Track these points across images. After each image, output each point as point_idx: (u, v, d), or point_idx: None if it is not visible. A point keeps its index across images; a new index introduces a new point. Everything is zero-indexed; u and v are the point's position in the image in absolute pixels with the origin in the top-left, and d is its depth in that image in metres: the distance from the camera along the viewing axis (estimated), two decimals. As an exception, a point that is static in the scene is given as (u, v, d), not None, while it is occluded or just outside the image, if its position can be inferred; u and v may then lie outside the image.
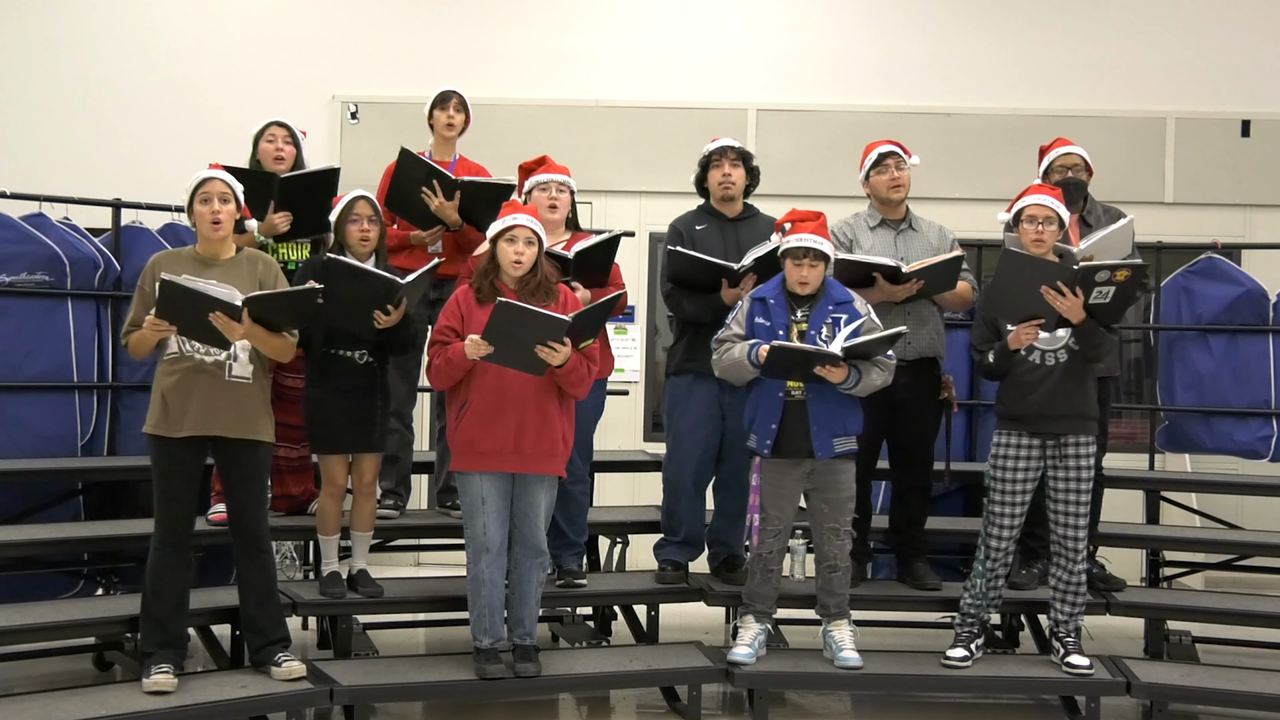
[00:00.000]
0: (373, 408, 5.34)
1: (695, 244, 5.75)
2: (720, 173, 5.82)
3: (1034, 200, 5.33)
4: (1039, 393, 5.28)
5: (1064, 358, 5.29)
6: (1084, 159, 5.86)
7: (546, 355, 4.89)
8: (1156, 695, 5.38)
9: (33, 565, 5.95)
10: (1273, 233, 8.65)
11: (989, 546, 5.41)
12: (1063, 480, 5.33)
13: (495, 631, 5.18)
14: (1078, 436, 5.31)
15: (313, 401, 5.36)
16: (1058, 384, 5.28)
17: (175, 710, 4.68)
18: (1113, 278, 5.17)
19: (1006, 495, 5.36)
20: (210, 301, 4.64)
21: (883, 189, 5.84)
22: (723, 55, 9.20)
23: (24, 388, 6.10)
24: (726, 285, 5.59)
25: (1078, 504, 5.32)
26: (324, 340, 5.27)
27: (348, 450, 5.37)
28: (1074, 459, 5.31)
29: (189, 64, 9.01)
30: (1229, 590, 7.27)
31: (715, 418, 5.78)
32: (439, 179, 5.72)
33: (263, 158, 5.82)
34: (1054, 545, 5.42)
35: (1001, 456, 5.37)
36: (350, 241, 5.32)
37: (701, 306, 5.69)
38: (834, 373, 5.10)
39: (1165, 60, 9.05)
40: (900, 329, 5.25)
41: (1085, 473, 5.32)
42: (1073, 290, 5.13)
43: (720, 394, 5.71)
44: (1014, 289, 5.26)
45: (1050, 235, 5.32)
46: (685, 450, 5.84)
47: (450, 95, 6.03)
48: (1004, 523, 5.38)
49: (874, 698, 5.90)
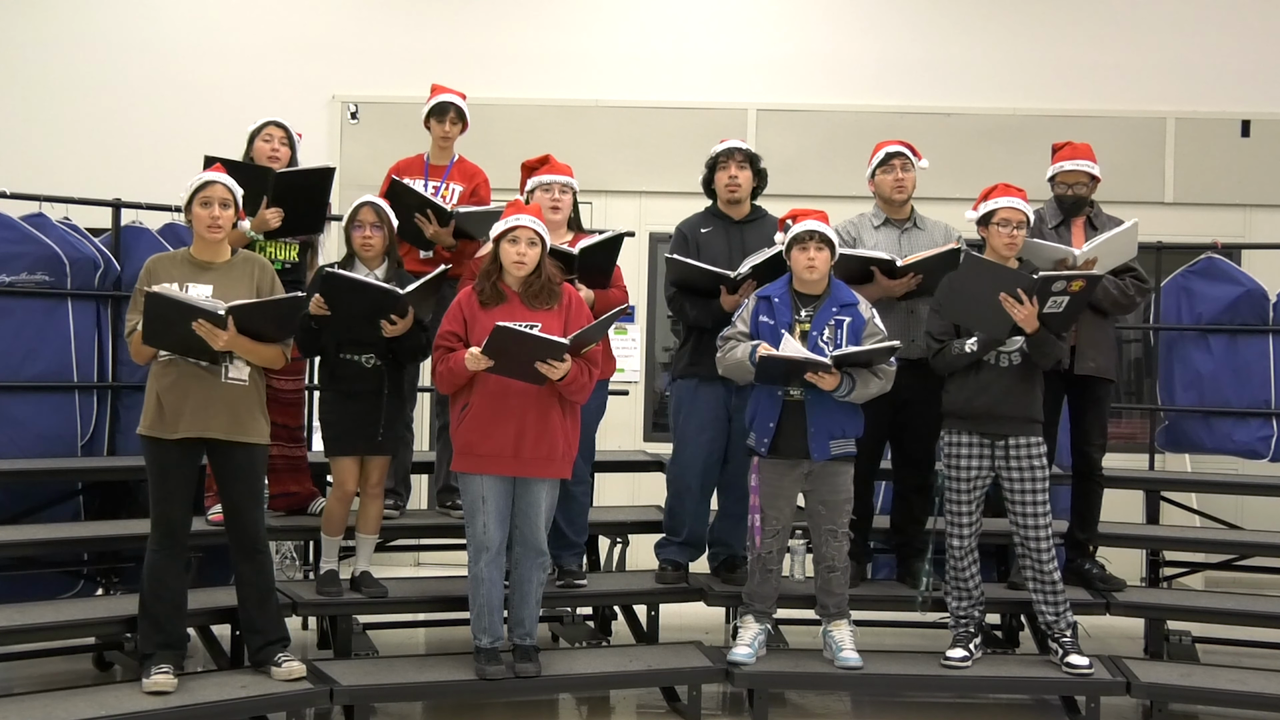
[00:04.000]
0: (383, 411, 5.35)
1: (700, 247, 5.75)
2: (726, 175, 5.82)
3: (1006, 203, 5.32)
4: (990, 394, 5.29)
5: (1017, 360, 5.30)
6: (1090, 174, 5.78)
7: (546, 371, 4.89)
8: (1156, 695, 5.38)
9: (33, 565, 5.95)
10: (1273, 233, 8.65)
11: (951, 545, 5.42)
12: (1017, 480, 5.33)
13: (495, 631, 5.18)
14: (1026, 438, 5.32)
15: (325, 405, 5.42)
16: (1008, 386, 5.29)
17: (175, 710, 4.68)
18: (1068, 288, 5.19)
19: (961, 494, 5.38)
20: (194, 310, 4.64)
21: (886, 188, 5.85)
22: (723, 55, 9.21)
23: (24, 388, 6.10)
24: (725, 292, 5.59)
25: (1034, 503, 5.32)
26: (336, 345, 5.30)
27: (358, 453, 5.37)
28: (1025, 459, 5.32)
29: (189, 64, 9.02)
30: (1229, 590, 7.28)
31: (721, 420, 5.78)
32: (432, 208, 5.72)
33: (257, 156, 5.81)
34: (1018, 547, 5.43)
35: (953, 455, 5.39)
36: (355, 248, 5.35)
37: (703, 312, 5.69)
38: (826, 380, 5.10)
39: (1165, 60, 9.05)
40: (894, 343, 5.24)
41: (1040, 471, 5.32)
42: (1030, 299, 5.13)
43: (727, 396, 5.71)
44: (973, 294, 5.26)
45: (1021, 239, 5.33)
46: (691, 452, 5.84)
47: (447, 108, 5.99)
48: (961, 520, 5.40)
49: (874, 698, 5.90)
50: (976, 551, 5.47)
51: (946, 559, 5.48)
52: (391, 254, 5.42)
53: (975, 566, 5.47)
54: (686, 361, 5.86)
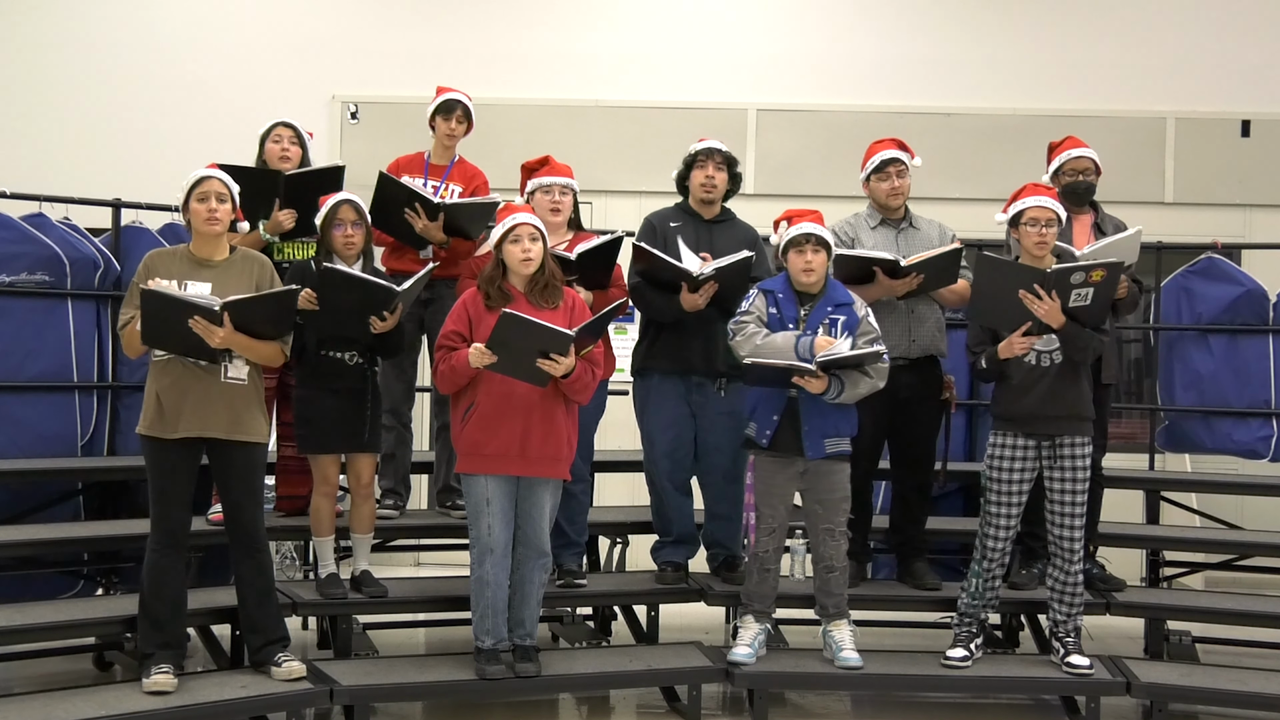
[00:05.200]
0: (363, 408, 5.34)
1: (668, 241, 5.71)
2: (704, 174, 5.80)
3: (1035, 202, 5.31)
4: (1034, 394, 5.28)
5: (1059, 359, 5.29)
6: (1094, 161, 5.85)
7: (548, 368, 4.89)
8: (1156, 695, 5.37)
9: (33, 565, 5.95)
10: (1273, 233, 8.65)
11: (985, 547, 5.41)
12: (1059, 481, 5.33)
13: (498, 632, 5.18)
14: (1074, 437, 5.31)
15: (303, 401, 5.37)
16: (1052, 385, 5.28)
17: (175, 710, 4.68)
18: (1088, 278, 5.15)
19: (1003, 496, 5.37)
20: (190, 307, 4.64)
21: (881, 195, 5.85)
22: (722, 55, 9.21)
23: (24, 388, 6.10)
24: (686, 290, 5.57)
25: (1074, 504, 5.32)
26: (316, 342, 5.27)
27: (338, 450, 5.37)
28: (1070, 460, 5.31)
29: (189, 64, 9.02)
30: (1229, 590, 7.27)
31: (685, 416, 5.76)
32: (421, 202, 5.70)
33: (268, 158, 5.82)
34: (1051, 546, 5.42)
35: (998, 458, 5.37)
36: (335, 246, 5.29)
37: (664, 306, 5.66)
38: (813, 384, 5.10)
39: (1165, 60, 9.05)
40: (878, 349, 5.22)
41: (1082, 473, 5.32)
42: (1049, 293, 5.12)
43: (687, 392, 5.71)
44: (993, 295, 5.27)
45: (1052, 237, 5.31)
46: (658, 450, 5.83)
47: (455, 106, 5.98)
48: (1000, 524, 5.38)
49: (874, 698, 5.90)
50: (1009, 556, 5.46)
51: (974, 558, 5.46)
52: (368, 252, 5.40)
53: (1002, 570, 5.46)
54: (644, 354, 5.82)
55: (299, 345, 5.19)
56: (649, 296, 5.72)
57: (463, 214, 5.77)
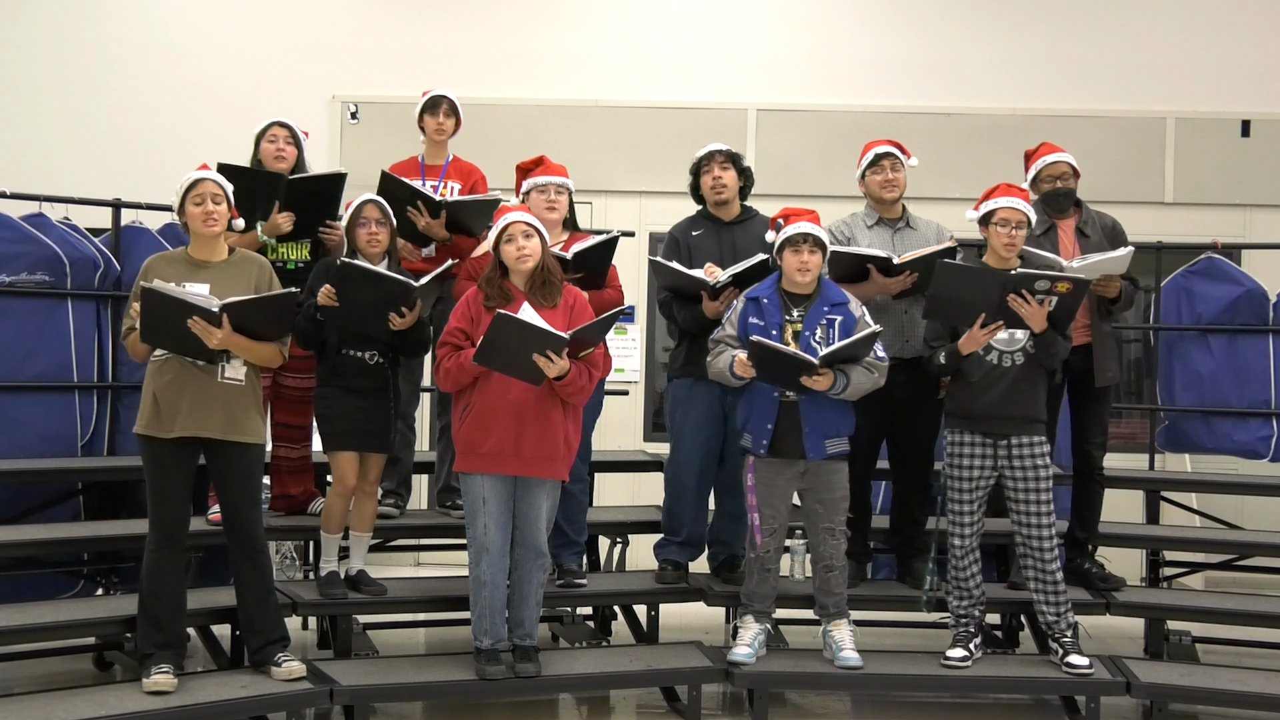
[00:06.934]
0: (385, 408, 5.36)
1: (692, 250, 5.77)
2: (710, 176, 5.82)
3: (1007, 203, 5.32)
4: (991, 394, 5.30)
5: (1020, 360, 5.30)
6: (1071, 165, 5.83)
7: (544, 365, 4.89)
8: (1156, 695, 5.38)
9: (33, 565, 5.95)
10: (1273, 233, 8.64)
11: (952, 545, 5.42)
12: (1020, 480, 5.33)
13: (496, 632, 5.18)
14: (1030, 437, 5.32)
15: (324, 399, 5.39)
16: (1010, 386, 5.30)
17: (175, 710, 4.68)
18: (1053, 288, 5.18)
19: (964, 494, 5.38)
20: (189, 307, 4.64)
21: (876, 188, 5.85)
22: (723, 55, 9.21)
23: (24, 388, 6.10)
24: (707, 298, 5.59)
25: (1039, 503, 5.33)
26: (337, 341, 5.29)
27: (358, 448, 5.37)
28: (1028, 458, 5.32)
29: (189, 64, 9.03)
30: (1229, 590, 7.28)
31: (717, 419, 5.79)
32: (423, 200, 5.72)
33: (264, 157, 5.82)
34: (1020, 548, 5.43)
35: (956, 455, 5.39)
36: (360, 245, 5.33)
37: (690, 316, 5.71)
38: (819, 381, 5.11)
39: (1165, 60, 9.05)
40: (876, 328, 5.24)
41: (1044, 471, 5.33)
42: (1019, 296, 5.13)
43: (722, 396, 5.71)
44: (954, 298, 5.27)
45: (1020, 239, 5.33)
46: (687, 452, 5.85)
47: (440, 101, 6.02)
48: (963, 520, 5.40)
49: (874, 698, 5.90)
50: (978, 551, 5.47)
51: (948, 559, 5.48)
52: (393, 252, 5.43)
53: (976, 566, 5.47)
54: (682, 361, 5.87)
55: (321, 342, 5.21)
56: (675, 309, 5.77)
57: (465, 211, 5.79)
